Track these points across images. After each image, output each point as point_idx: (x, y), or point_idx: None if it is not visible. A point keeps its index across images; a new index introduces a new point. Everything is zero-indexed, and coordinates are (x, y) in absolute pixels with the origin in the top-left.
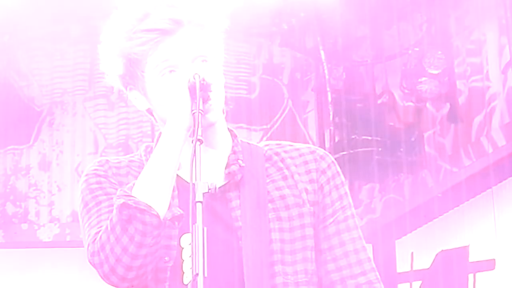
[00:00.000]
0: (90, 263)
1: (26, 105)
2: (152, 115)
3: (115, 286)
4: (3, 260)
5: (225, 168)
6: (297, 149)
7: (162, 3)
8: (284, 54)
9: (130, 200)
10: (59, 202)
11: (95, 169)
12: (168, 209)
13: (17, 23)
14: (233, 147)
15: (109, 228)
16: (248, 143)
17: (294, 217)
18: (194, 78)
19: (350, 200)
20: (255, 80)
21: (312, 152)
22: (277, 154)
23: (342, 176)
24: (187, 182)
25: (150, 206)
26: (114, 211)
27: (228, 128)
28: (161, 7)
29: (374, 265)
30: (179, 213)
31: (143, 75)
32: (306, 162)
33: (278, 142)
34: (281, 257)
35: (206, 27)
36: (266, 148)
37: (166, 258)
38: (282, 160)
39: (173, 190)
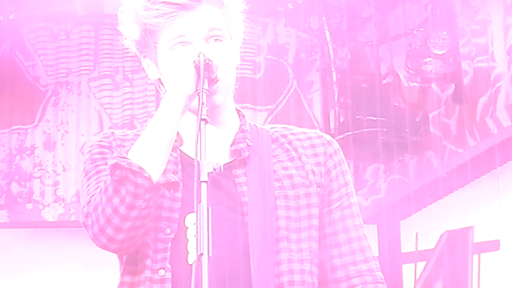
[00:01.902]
0: (83, 225)
1: (31, 85)
2: (162, 85)
3: (104, 248)
4: (8, 240)
5: (231, 146)
6: (305, 133)
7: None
8: (289, 34)
9: (123, 161)
10: (64, 182)
11: (100, 141)
12: (163, 174)
13: (22, 2)
14: (240, 125)
15: (102, 190)
16: (255, 125)
17: (300, 196)
18: (199, 57)
19: (353, 189)
20: (260, 60)
21: (320, 137)
22: (284, 136)
23: (346, 163)
24: (191, 158)
25: (143, 168)
26: (107, 171)
27: (236, 109)
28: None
29: (374, 254)
30: (173, 179)
31: (156, 46)
32: (313, 146)
33: (284, 125)
34: (287, 234)
35: (225, 6)
36: (272, 130)
37: (167, 230)
38: (290, 142)
39: (177, 165)
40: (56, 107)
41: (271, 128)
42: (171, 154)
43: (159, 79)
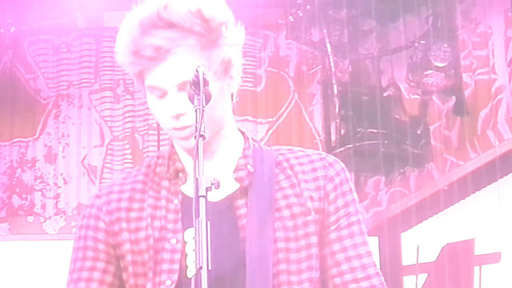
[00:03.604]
0: None
1: (32, 97)
2: None
3: None
4: (9, 252)
5: (233, 173)
6: (308, 155)
7: (162, 17)
8: (290, 46)
9: None
10: (65, 195)
11: (90, 214)
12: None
13: (23, 15)
14: (244, 150)
15: None
16: (260, 147)
17: (299, 226)
18: (197, 72)
19: (358, 207)
20: (261, 72)
21: (322, 159)
22: (287, 160)
23: (351, 183)
24: (191, 197)
25: None
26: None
27: (240, 130)
28: (159, 23)
29: (379, 271)
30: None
31: (144, 86)
32: (314, 169)
33: (290, 148)
34: (287, 266)
35: (210, 45)
36: (277, 153)
37: (167, 282)
38: (292, 167)
39: (177, 213)
40: (57, 120)
41: (276, 150)
42: (171, 201)
43: None
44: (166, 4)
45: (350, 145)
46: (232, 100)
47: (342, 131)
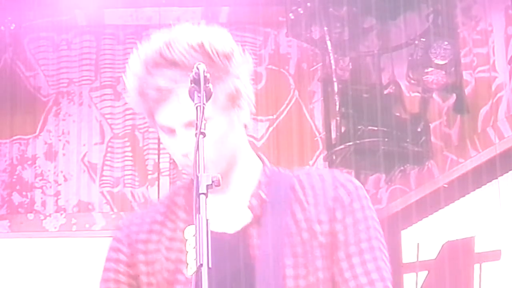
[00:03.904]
0: None
1: (33, 95)
2: None
3: None
4: (9, 250)
5: (248, 202)
6: (321, 176)
7: (166, 55)
8: (291, 44)
9: None
10: (65, 192)
11: (111, 246)
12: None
13: (23, 12)
14: (259, 177)
15: None
16: (278, 171)
17: (308, 252)
18: (198, 69)
19: (371, 223)
20: (261, 70)
21: (334, 179)
22: (300, 183)
23: (365, 201)
24: (219, 232)
25: None
26: None
27: (259, 155)
28: (163, 63)
29: (389, 285)
30: None
31: (155, 123)
32: (325, 191)
33: (308, 170)
34: None
35: (210, 77)
36: (293, 176)
37: None
38: (304, 191)
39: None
40: (57, 117)
41: (295, 173)
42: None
43: None
44: (169, 41)
45: (351, 143)
46: (246, 129)
47: (343, 129)
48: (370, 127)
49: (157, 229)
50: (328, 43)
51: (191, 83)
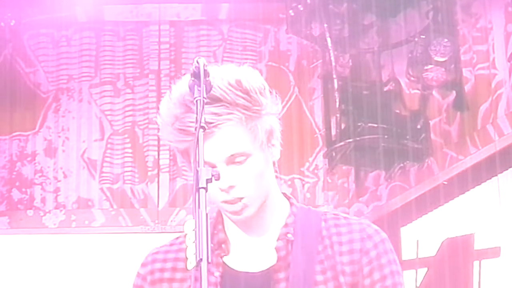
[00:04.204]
0: None
1: (32, 91)
2: None
3: None
4: (8, 246)
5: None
6: (349, 224)
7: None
8: (291, 41)
9: None
10: (64, 189)
11: (135, 283)
12: None
13: (23, 8)
14: (287, 217)
15: None
16: (308, 209)
17: None
18: (198, 63)
19: (398, 279)
20: (261, 67)
21: (362, 230)
22: (327, 228)
23: (391, 255)
24: (235, 270)
25: None
26: None
27: (285, 195)
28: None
29: None
30: None
31: (191, 162)
32: (351, 241)
33: (336, 213)
34: None
35: (251, 117)
36: (322, 218)
37: None
38: (330, 236)
39: (217, 278)
40: (57, 114)
41: (323, 214)
42: (212, 274)
43: None
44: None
45: (350, 140)
46: (274, 167)
47: (343, 126)
48: (370, 124)
49: (181, 266)
50: (328, 40)
51: (191, 77)
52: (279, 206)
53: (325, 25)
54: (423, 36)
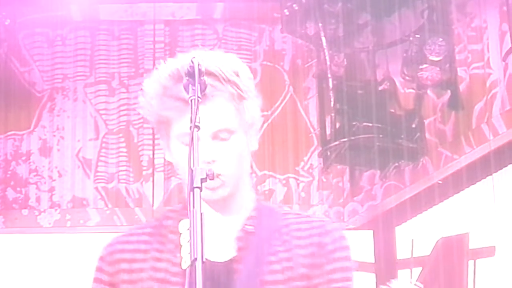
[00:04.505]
0: None
1: (27, 90)
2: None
3: None
4: (3, 246)
5: (237, 234)
6: (310, 222)
7: (199, 67)
8: (286, 40)
9: None
10: (59, 188)
11: (96, 266)
12: None
13: (18, 8)
14: (252, 209)
15: None
16: (272, 207)
17: None
18: (193, 63)
19: (349, 275)
20: (256, 66)
21: (321, 226)
22: (287, 225)
23: (346, 252)
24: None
25: None
26: None
27: (255, 190)
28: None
29: None
30: None
31: (169, 135)
32: (310, 236)
33: (299, 213)
34: None
35: (241, 96)
36: (283, 217)
37: None
38: (289, 232)
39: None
40: (52, 113)
41: (284, 214)
42: (176, 255)
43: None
44: (199, 57)
45: (345, 139)
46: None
47: (337, 125)
48: (364, 123)
49: (143, 248)
50: (323, 39)
51: (185, 76)
52: (247, 197)
53: (320, 24)
54: (418, 36)
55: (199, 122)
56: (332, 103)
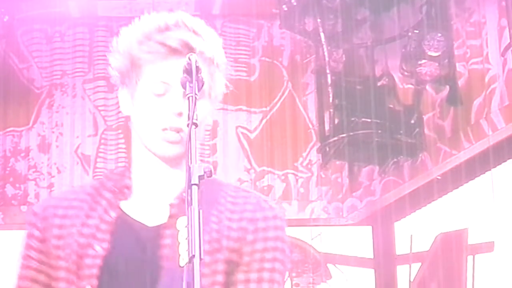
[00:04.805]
0: None
1: (26, 87)
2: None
3: None
4: (2, 242)
5: (174, 199)
6: (247, 197)
7: (186, 23)
8: (284, 36)
9: None
10: (58, 184)
11: (29, 220)
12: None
13: (17, 4)
14: None
15: None
16: (214, 179)
17: (211, 263)
18: (190, 60)
19: (280, 255)
20: (255, 62)
21: (257, 204)
22: (224, 197)
23: (280, 232)
24: (130, 216)
25: None
26: None
27: (202, 161)
28: (183, 27)
29: None
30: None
31: (137, 82)
32: (243, 211)
33: (238, 187)
34: None
35: (213, 64)
36: (224, 188)
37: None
38: (225, 205)
39: (113, 218)
40: (50, 109)
41: (225, 186)
42: (108, 213)
43: (129, 116)
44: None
45: (344, 135)
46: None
47: (336, 121)
48: (363, 119)
49: (77, 205)
50: (322, 35)
51: (183, 73)
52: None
53: (319, 20)
54: (417, 31)
55: (196, 119)
56: (330, 98)
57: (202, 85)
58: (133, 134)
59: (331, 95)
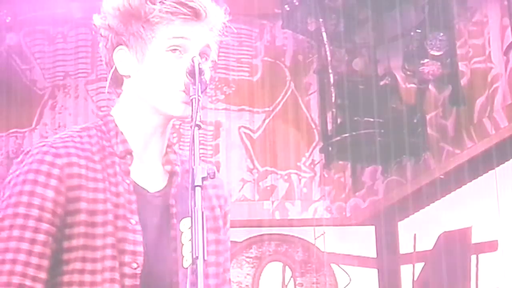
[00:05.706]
0: None
1: (29, 88)
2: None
3: None
4: None
5: (163, 157)
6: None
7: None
8: (286, 36)
9: None
10: None
11: (46, 171)
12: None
13: (19, 5)
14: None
15: None
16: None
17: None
18: (193, 62)
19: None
20: (257, 62)
21: (222, 183)
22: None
23: (215, 200)
24: (144, 189)
25: None
26: None
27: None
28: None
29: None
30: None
31: (151, 41)
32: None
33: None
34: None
35: (214, 33)
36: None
37: (133, 265)
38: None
39: (130, 186)
40: (53, 110)
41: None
42: (125, 181)
43: (129, 75)
44: None
45: (347, 134)
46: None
47: (339, 120)
48: (366, 119)
49: (92, 166)
50: (324, 34)
51: (186, 76)
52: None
53: (321, 20)
54: (419, 31)
55: (200, 121)
56: (333, 98)
57: (206, 88)
58: (127, 94)
59: (333, 95)
